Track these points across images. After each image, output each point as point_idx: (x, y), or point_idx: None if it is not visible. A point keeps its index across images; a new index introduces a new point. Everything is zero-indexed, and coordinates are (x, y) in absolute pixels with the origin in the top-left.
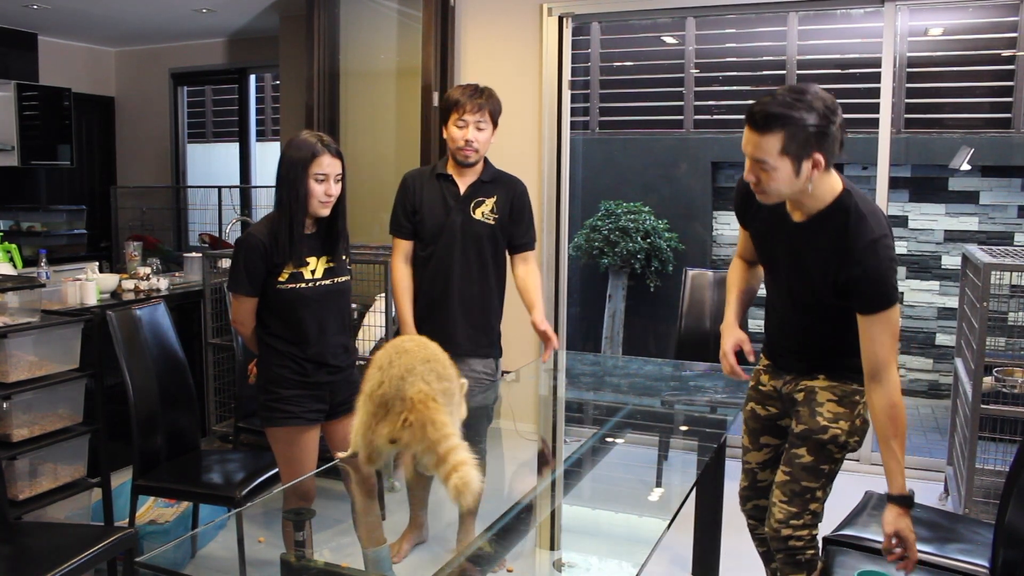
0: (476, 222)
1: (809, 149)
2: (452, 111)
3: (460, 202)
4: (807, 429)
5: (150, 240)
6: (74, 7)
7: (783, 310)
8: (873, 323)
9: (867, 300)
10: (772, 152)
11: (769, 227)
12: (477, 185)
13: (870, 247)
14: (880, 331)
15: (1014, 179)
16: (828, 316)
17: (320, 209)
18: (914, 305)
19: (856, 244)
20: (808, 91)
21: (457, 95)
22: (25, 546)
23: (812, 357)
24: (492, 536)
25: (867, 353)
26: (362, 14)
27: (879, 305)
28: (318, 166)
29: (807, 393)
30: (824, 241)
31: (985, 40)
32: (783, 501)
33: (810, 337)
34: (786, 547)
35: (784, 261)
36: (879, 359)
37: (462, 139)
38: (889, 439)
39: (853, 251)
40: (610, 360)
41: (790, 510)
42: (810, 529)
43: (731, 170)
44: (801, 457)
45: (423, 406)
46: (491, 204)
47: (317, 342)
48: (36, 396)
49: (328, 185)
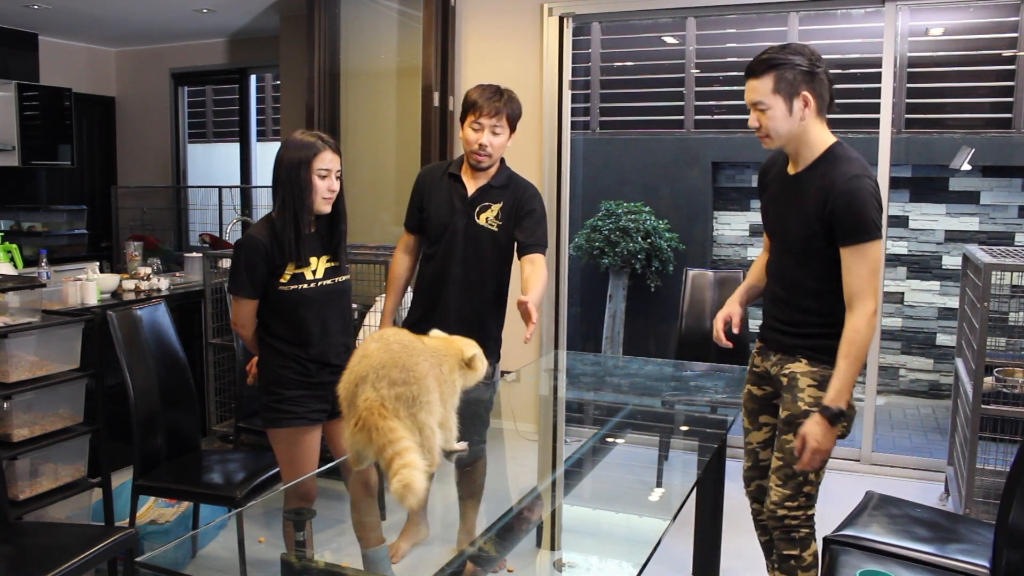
0: (479, 227)
1: (798, 87)
2: (469, 112)
3: (466, 205)
4: (791, 415)
5: (150, 240)
6: (74, 7)
7: (777, 272)
8: (852, 255)
9: (847, 230)
10: (766, 92)
11: (775, 193)
12: (485, 189)
13: (853, 180)
14: (857, 262)
15: (1014, 179)
16: (816, 274)
17: (323, 206)
18: (914, 305)
19: (840, 179)
20: (792, 44)
21: (475, 96)
22: (25, 546)
23: (796, 326)
24: (492, 536)
25: (845, 284)
26: (362, 14)
27: (858, 235)
28: (320, 162)
29: (790, 379)
30: (815, 183)
31: (985, 40)
32: (778, 485)
33: (795, 295)
34: (782, 525)
35: (782, 216)
36: (853, 290)
37: (476, 143)
38: (842, 357)
39: (837, 184)
40: (610, 360)
41: (785, 492)
42: (805, 510)
43: (731, 170)
44: (790, 443)
45: (368, 413)
46: (496, 210)
47: (320, 342)
48: (37, 396)
49: (331, 180)
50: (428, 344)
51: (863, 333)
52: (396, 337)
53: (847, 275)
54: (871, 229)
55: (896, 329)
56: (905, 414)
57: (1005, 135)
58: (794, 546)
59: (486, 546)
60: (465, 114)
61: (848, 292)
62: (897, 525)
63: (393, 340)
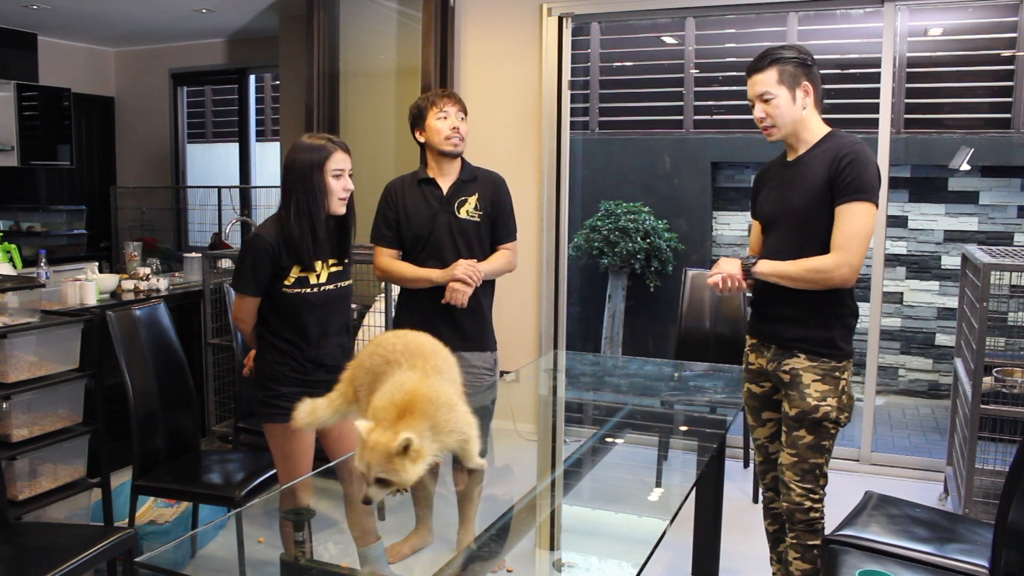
0: (462, 220)
1: (799, 78)
2: (427, 111)
3: (444, 203)
4: (801, 411)
5: (148, 240)
6: (74, 7)
7: (775, 260)
8: (844, 212)
9: (846, 187)
10: (771, 83)
11: (775, 183)
12: (458, 185)
13: (858, 144)
14: (847, 220)
15: (1014, 179)
16: (809, 252)
17: (339, 207)
18: (914, 305)
19: (846, 145)
20: (787, 44)
21: (428, 97)
22: (25, 546)
23: (792, 318)
24: (492, 536)
25: (832, 239)
26: (362, 14)
27: (855, 192)
28: (333, 162)
29: (792, 376)
30: (820, 158)
31: (985, 40)
32: (797, 480)
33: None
34: (808, 518)
35: (785, 195)
36: (836, 241)
37: (448, 128)
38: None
39: (843, 148)
40: (610, 360)
41: (806, 487)
42: (823, 500)
43: (731, 170)
44: (803, 438)
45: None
46: (474, 201)
47: (318, 344)
48: (36, 396)
49: (345, 180)
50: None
51: (825, 274)
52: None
53: (835, 231)
54: (867, 189)
55: (895, 329)
56: (904, 414)
57: (1004, 135)
58: (816, 536)
59: (486, 546)
60: (423, 117)
61: (833, 244)
62: (896, 525)
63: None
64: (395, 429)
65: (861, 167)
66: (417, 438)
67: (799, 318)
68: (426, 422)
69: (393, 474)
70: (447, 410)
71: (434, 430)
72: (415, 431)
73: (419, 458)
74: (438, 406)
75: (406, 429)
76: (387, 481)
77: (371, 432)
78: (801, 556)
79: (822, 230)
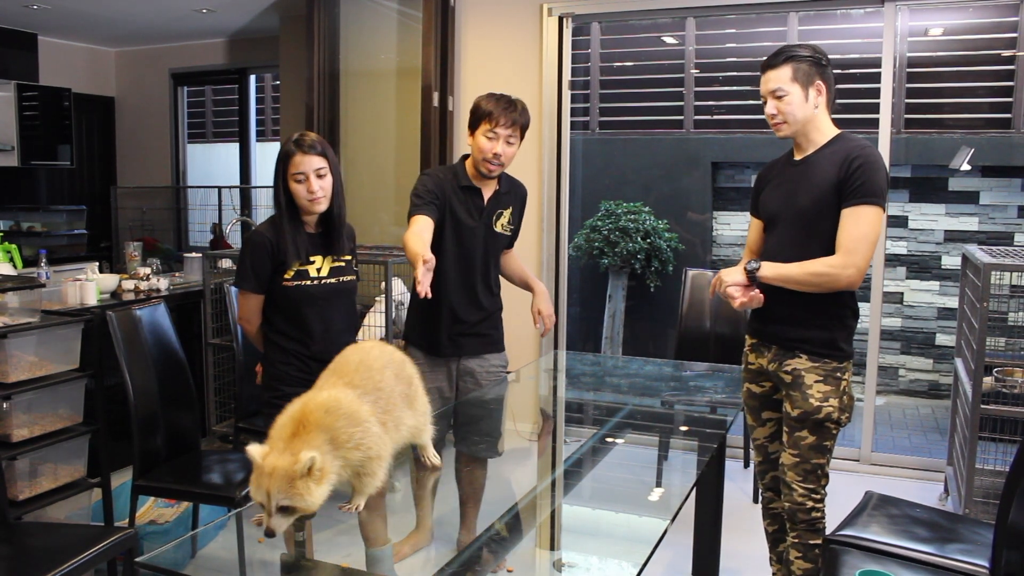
0: (497, 234)
1: (813, 77)
2: (483, 121)
3: (483, 215)
4: (803, 412)
5: (148, 240)
6: (74, 7)
7: (776, 260)
8: (851, 214)
9: (855, 189)
10: (785, 79)
11: (779, 181)
12: (497, 196)
13: (869, 148)
14: (854, 223)
15: (1014, 179)
16: (818, 257)
17: (312, 207)
18: (914, 305)
19: (856, 147)
20: (804, 43)
21: (490, 106)
22: (25, 546)
23: (794, 318)
24: (492, 536)
25: (838, 241)
26: (362, 14)
27: (863, 195)
28: (293, 166)
29: (794, 376)
30: (829, 158)
31: (985, 40)
32: (799, 480)
33: None
34: (810, 518)
35: (791, 194)
36: (842, 243)
37: (491, 152)
38: (802, 266)
39: (854, 150)
40: (610, 360)
41: (808, 487)
42: (824, 500)
43: (731, 170)
44: (805, 439)
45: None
46: (508, 215)
47: (322, 339)
48: (36, 396)
49: (309, 183)
50: None
51: (831, 277)
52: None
53: (843, 234)
54: (877, 193)
55: (895, 329)
56: (905, 414)
57: (1004, 135)
58: (818, 535)
59: (487, 545)
60: (478, 122)
61: (839, 246)
62: (897, 525)
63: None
64: (291, 449)
65: (872, 171)
66: (319, 456)
67: (800, 319)
68: (323, 435)
69: (298, 499)
70: (348, 423)
71: (333, 444)
72: (313, 447)
73: (323, 478)
74: (336, 416)
75: (302, 447)
76: (291, 508)
77: (266, 456)
78: (803, 556)
79: (826, 231)
